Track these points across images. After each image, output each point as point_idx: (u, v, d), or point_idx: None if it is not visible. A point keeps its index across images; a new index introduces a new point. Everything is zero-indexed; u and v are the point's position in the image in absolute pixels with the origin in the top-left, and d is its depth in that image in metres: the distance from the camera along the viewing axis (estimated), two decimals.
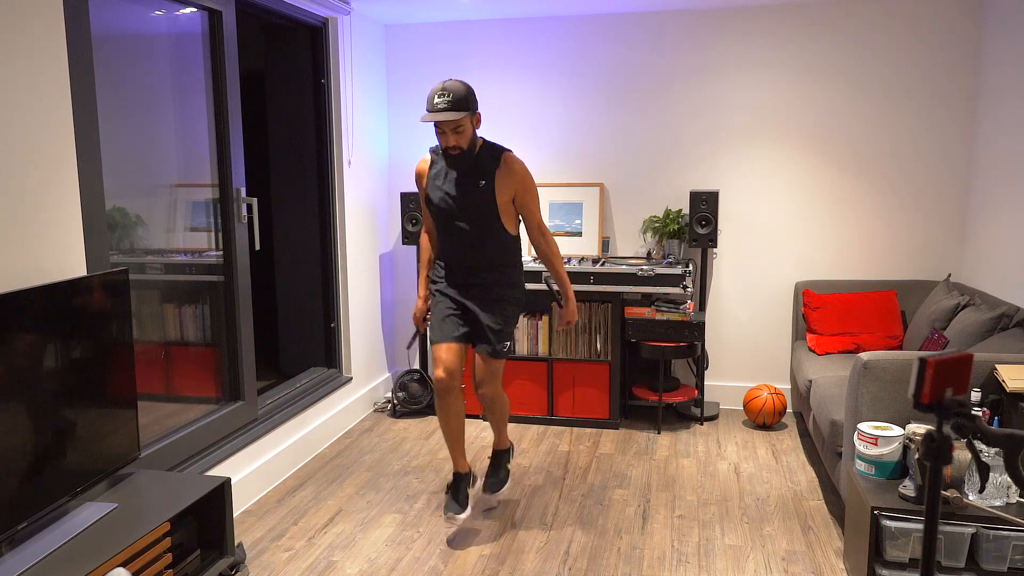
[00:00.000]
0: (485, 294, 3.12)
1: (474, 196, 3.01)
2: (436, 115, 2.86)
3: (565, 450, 4.13)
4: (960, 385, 1.44)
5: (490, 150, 3.04)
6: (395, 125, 5.00)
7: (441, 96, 2.85)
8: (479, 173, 3.01)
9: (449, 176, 3.04)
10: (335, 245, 4.40)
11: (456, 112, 2.86)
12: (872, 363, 2.90)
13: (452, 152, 2.95)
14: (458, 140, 2.92)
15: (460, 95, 2.87)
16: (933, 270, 4.47)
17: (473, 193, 3.01)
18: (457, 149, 2.94)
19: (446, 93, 2.85)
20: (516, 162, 3.03)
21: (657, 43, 4.61)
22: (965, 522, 2.47)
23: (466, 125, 2.91)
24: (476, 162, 3.01)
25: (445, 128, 2.90)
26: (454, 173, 3.03)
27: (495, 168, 3.01)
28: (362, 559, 3.01)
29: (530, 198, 3.08)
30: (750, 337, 4.74)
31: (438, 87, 2.87)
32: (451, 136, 2.92)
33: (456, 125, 2.89)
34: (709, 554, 3.03)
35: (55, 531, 2.25)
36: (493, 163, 3.02)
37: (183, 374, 3.27)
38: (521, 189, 3.05)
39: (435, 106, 2.87)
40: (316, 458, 4.03)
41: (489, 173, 3.01)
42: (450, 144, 2.93)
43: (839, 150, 4.49)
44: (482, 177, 3.01)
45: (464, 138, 2.93)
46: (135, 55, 2.94)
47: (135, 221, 2.97)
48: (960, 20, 4.25)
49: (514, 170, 3.02)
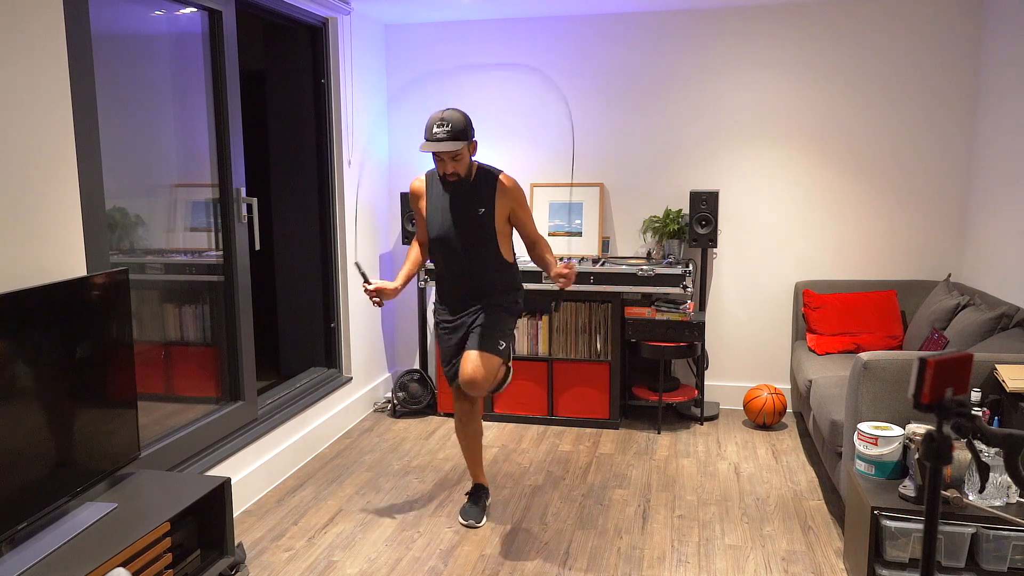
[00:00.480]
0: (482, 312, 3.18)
1: (474, 224, 3.10)
2: (435, 145, 2.95)
3: (565, 450, 4.13)
4: (960, 385, 1.44)
5: (484, 175, 3.13)
6: (395, 125, 5.00)
7: (440, 126, 2.94)
8: (478, 201, 3.10)
9: (448, 204, 3.12)
10: (335, 245, 4.40)
11: (455, 142, 2.95)
12: (872, 363, 2.90)
13: (450, 179, 3.04)
14: (456, 168, 3.02)
15: (459, 125, 2.96)
16: (933, 270, 4.47)
17: (473, 220, 3.10)
18: (455, 176, 3.03)
19: (445, 123, 2.94)
20: (509, 180, 3.13)
21: (657, 43, 4.61)
22: (965, 522, 2.47)
23: (464, 154, 3.01)
24: (473, 190, 3.11)
25: (444, 157, 2.99)
26: (454, 202, 3.11)
27: (493, 193, 3.10)
28: (362, 559, 3.01)
29: (524, 213, 3.17)
30: (750, 337, 4.74)
31: (437, 116, 2.96)
32: (449, 164, 3.01)
33: (455, 154, 2.98)
34: (709, 554, 3.03)
35: (55, 531, 2.25)
36: (490, 188, 3.11)
37: (183, 374, 3.27)
38: (516, 206, 3.15)
39: (434, 135, 2.96)
40: (316, 458, 4.03)
41: (488, 199, 3.10)
42: (448, 172, 3.03)
43: (839, 150, 4.49)
44: (481, 204, 3.10)
45: (462, 165, 3.03)
46: (135, 55, 2.94)
47: (135, 221, 2.97)
48: (960, 20, 4.25)
49: (508, 189, 3.12)
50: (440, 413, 4.69)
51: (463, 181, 3.06)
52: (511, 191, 3.12)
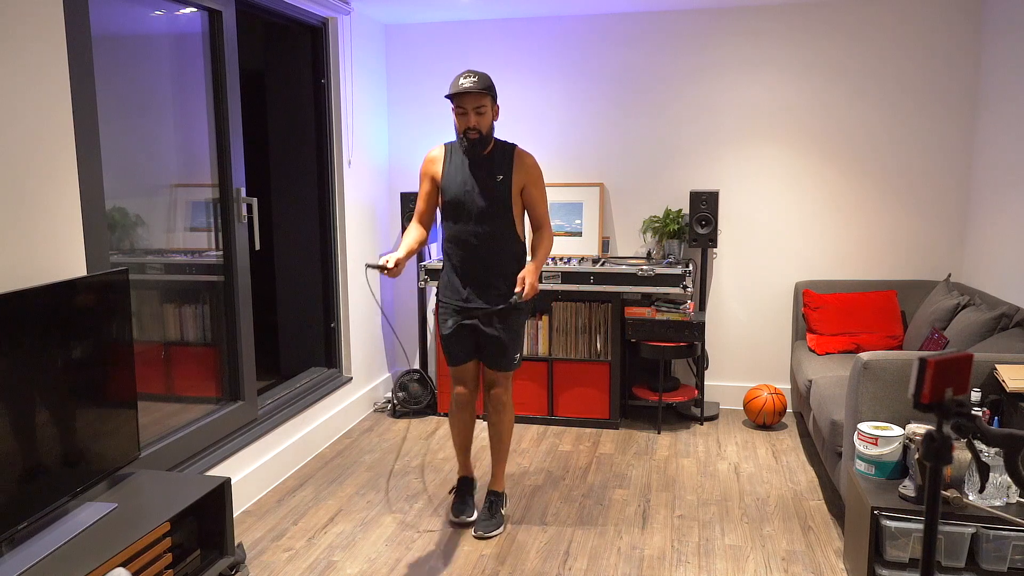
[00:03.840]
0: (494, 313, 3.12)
1: (491, 190, 3.06)
2: (463, 89, 2.91)
3: (565, 450, 4.13)
4: (960, 385, 1.43)
5: (503, 147, 3.10)
6: (395, 125, 5.00)
7: (467, 77, 2.94)
8: (496, 169, 3.07)
9: (467, 169, 3.07)
10: (335, 245, 4.40)
11: (482, 90, 2.92)
12: (872, 363, 2.90)
13: (471, 135, 2.97)
14: (478, 122, 2.96)
15: (485, 79, 2.97)
16: (933, 270, 4.47)
17: (490, 186, 3.06)
18: (476, 132, 2.97)
19: (472, 75, 2.94)
20: (528, 156, 3.11)
21: (657, 43, 4.61)
22: (965, 522, 2.47)
23: (488, 108, 2.98)
24: (492, 159, 3.07)
25: (468, 107, 2.94)
26: (473, 167, 3.07)
27: (511, 164, 3.08)
28: (362, 559, 3.01)
29: (538, 192, 3.13)
30: (750, 337, 4.74)
31: (464, 72, 2.97)
32: (472, 117, 2.95)
33: (479, 104, 2.94)
34: (709, 554, 3.03)
35: (55, 531, 2.25)
36: (508, 159, 3.08)
37: (183, 374, 3.27)
38: (530, 181, 3.10)
39: (460, 86, 2.92)
40: (316, 458, 4.03)
41: (506, 169, 3.07)
42: (470, 124, 2.96)
43: (839, 150, 4.49)
44: (499, 172, 3.06)
45: (484, 122, 2.98)
46: (135, 55, 2.93)
47: (135, 221, 2.97)
48: (960, 20, 4.25)
49: (526, 162, 3.09)
50: (440, 413, 4.69)
51: (483, 141, 2.99)
52: (528, 165, 3.09)
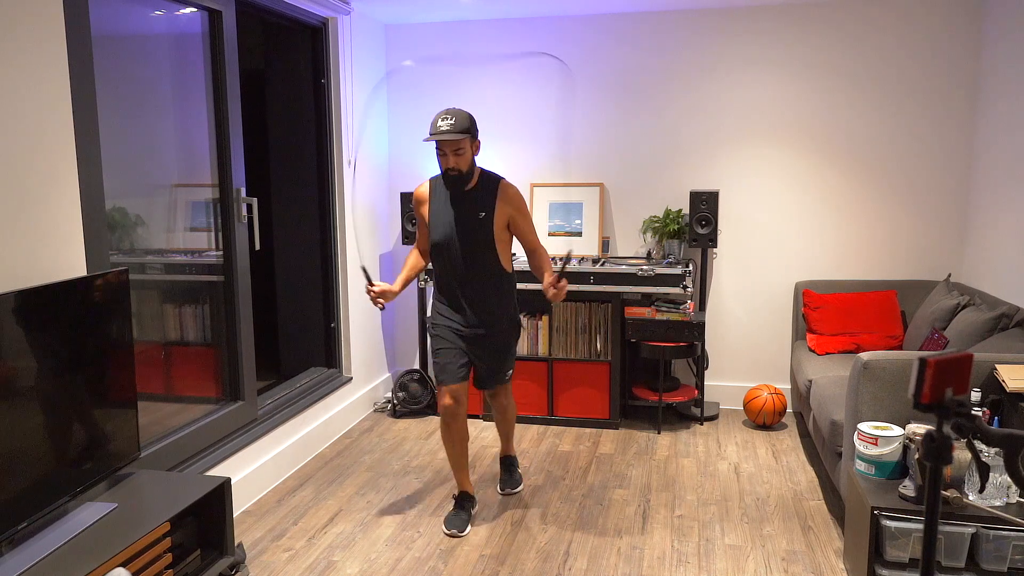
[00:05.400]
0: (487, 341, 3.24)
1: (474, 228, 3.13)
2: (439, 135, 3.00)
3: (565, 450, 4.13)
4: (960, 385, 1.43)
5: (487, 181, 3.17)
6: (395, 125, 5.00)
7: (444, 119, 3.01)
8: (479, 205, 3.14)
9: (451, 208, 3.15)
10: (335, 245, 4.40)
11: (458, 134, 2.99)
12: (872, 363, 2.90)
13: (451, 174, 3.07)
14: (457, 162, 3.05)
15: (463, 121, 3.03)
16: (933, 270, 4.47)
17: (474, 225, 3.13)
18: (455, 171, 3.06)
19: (449, 116, 3.01)
20: (511, 188, 3.19)
21: (657, 43, 4.61)
22: (965, 522, 2.47)
23: (466, 148, 3.05)
24: (476, 194, 3.14)
25: (446, 149, 3.03)
26: (456, 206, 3.14)
27: (494, 199, 3.14)
28: (362, 559, 3.01)
29: (524, 221, 3.21)
30: (750, 337, 4.74)
31: (442, 112, 3.04)
32: (451, 157, 3.04)
33: (457, 147, 3.02)
34: (709, 554, 3.03)
35: (55, 531, 2.25)
36: (491, 194, 3.15)
37: (183, 374, 3.27)
38: (516, 212, 3.18)
39: (438, 128, 3.01)
40: (316, 458, 4.03)
41: (489, 204, 3.14)
42: (449, 165, 3.05)
43: (839, 150, 4.49)
44: (482, 209, 3.14)
45: (463, 161, 3.06)
46: (135, 55, 2.93)
47: (135, 221, 2.97)
48: (960, 20, 4.25)
49: (509, 195, 3.17)
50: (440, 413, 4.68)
51: (464, 180, 3.09)
52: (512, 197, 3.16)
